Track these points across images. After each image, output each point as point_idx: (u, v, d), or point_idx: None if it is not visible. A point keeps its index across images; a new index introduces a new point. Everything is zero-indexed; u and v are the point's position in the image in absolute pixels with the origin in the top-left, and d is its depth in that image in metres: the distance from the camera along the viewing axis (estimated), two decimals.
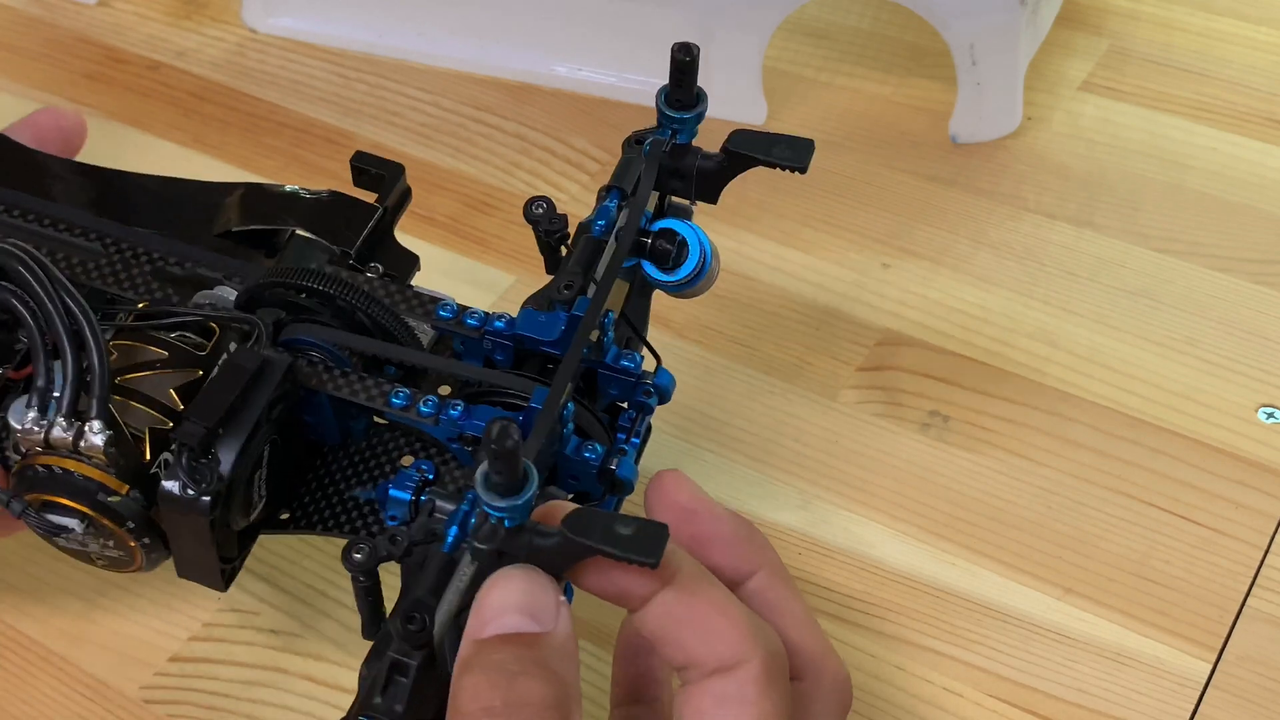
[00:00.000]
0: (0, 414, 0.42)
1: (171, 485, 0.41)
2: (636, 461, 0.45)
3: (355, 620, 0.51)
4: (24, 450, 0.41)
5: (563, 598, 0.36)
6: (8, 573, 0.52)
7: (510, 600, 0.35)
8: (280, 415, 0.43)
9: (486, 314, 0.45)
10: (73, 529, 0.42)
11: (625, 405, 0.46)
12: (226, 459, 0.41)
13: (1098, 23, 0.79)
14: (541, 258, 0.49)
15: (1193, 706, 0.49)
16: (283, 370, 0.42)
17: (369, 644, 0.51)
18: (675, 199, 0.48)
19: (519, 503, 0.34)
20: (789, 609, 0.41)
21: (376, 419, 0.47)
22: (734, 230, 0.66)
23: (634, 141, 0.48)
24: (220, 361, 0.44)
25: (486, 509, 0.35)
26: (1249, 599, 0.52)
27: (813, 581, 0.52)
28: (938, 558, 0.53)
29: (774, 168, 0.46)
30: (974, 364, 0.60)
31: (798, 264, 0.64)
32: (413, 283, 0.50)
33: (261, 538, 0.46)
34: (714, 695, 0.36)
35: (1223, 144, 0.72)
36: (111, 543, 0.43)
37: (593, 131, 0.72)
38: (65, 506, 0.41)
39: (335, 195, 0.50)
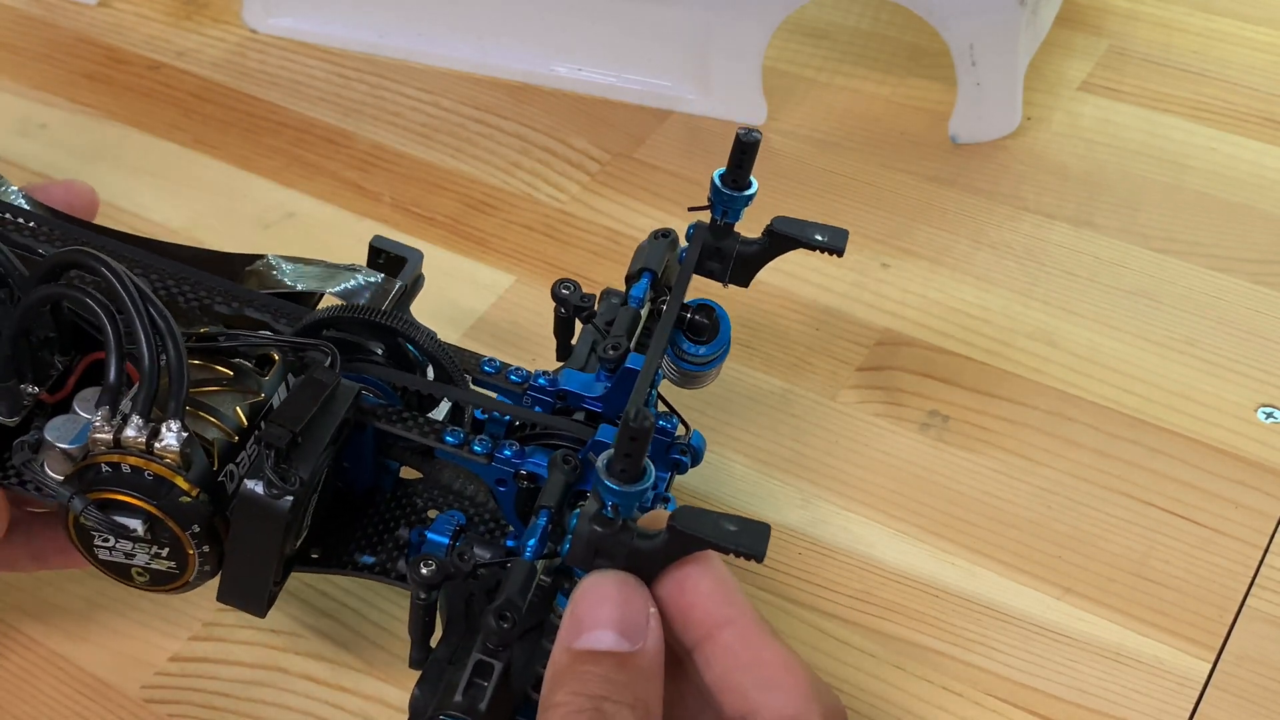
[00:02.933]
0: (35, 432, 0.42)
1: (255, 484, 0.40)
2: None
3: (356, 621, 0.51)
4: (87, 451, 0.41)
5: (653, 608, 0.37)
6: (9, 573, 0.52)
7: (604, 614, 0.36)
8: (340, 442, 0.43)
9: (529, 372, 0.47)
10: (134, 529, 0.41)
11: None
12: (305, 468, 0.41)
13: (1097, 23, 0.79)
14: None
15: (1192, 706, 0.49)
16: (353, 395, 0.43)
17: (371, 643, 0.51)
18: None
19: (635, 490, 0.36)
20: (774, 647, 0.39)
21: (404, 473, 0.48)
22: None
23: (659, 235, 0.51)
24: (291, 382, 0.44)
25: (604, 494, 0.36)
26: (1248, 599, 0.52)
27: (812, 581, 0.52)
28: (937, 557, 0.53)
29: (812, 250, 0.49)
30: (974, 364, 0.60)
31: (797, 264, 0.64)
32: None
33: None
34: None
35: (1222, 144, 0.72)
36: (166, 550, 0.42)
37: (593, 131, 0.72)
38: (131, 505, 0.41)
39: (358, 271, 0.52)
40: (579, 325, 0.50)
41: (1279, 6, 0.80)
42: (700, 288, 0.53)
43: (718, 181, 0.49)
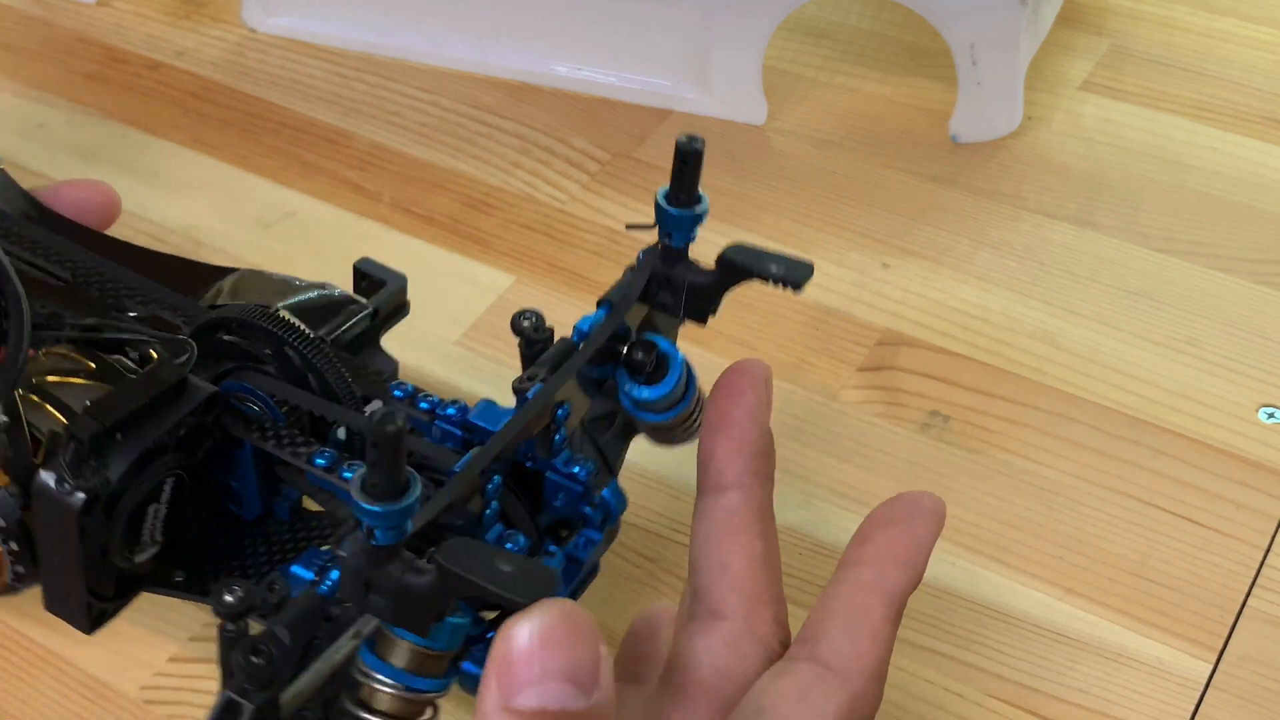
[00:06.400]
0: None
1: (48, 476, 0.37)
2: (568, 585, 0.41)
3: None
4: None
5: (605, 649, 0.30)
6: None
7: (552, 660, 0.29)
8: (199, 453, 0.40)
9: (439, 400, 0.43)
10: None
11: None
12: (116, 467, 0.38)
13: (1098, 22, 0.79)
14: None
15: (1193, 707, 0.48)
16: (203, 397, 0.40)
17: None
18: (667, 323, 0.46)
19: (396, 508, 0.30)
20: (746, 542, 0.39)
21: (309, 505, 0.45)
22: (734, 230, 0.66)
23: (636, 266, 0.45)
24: (139, 374, 0.41)
25: (359, 514, 0.30)
26: (1249, 599, 0.52)
27: (813, 582, 0.52)
28: (938, 558, 0.53)
29: (767, 283, 0.44)
30: (974, 364, 0.60)
31: None
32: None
33: None
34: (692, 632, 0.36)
35: (1223, 144, 0.71)
36: None
37: (593, 131, 0.72)
38: None
39: (326, 290, 0.48)
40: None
41: (1279, 6, 0.80)
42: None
43: (661, 200, 0.43)
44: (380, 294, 0.49)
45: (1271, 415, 0.58)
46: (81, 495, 0.37)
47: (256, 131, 0.72)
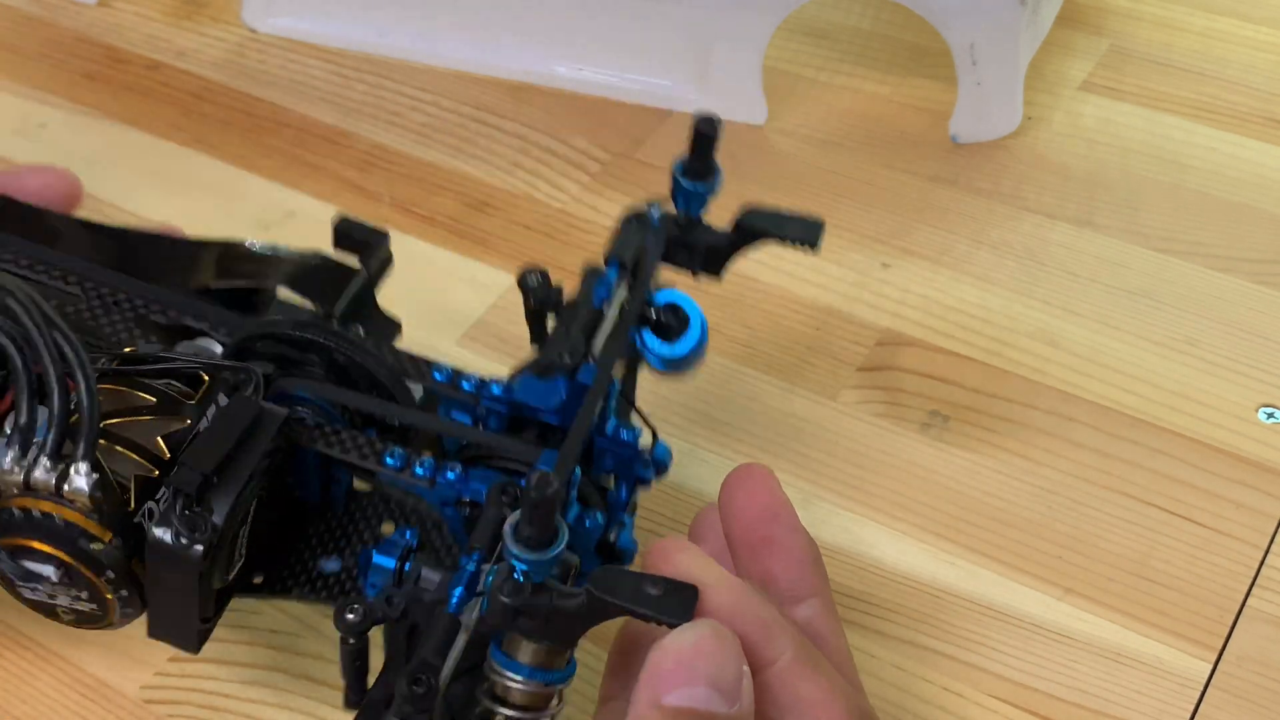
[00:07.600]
0: None
1: (163, 533, 0.39)
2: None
3: None
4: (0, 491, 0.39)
5: (746, 667, 0.34)
6: None
7: (700, 667, 0.33)
8: (270, 469, 0.42)
9: (481, 380, 0.44)
10: (47, 576, 0.40)
11: (614, 479, 0.45)
12: (220, 509, 0.39)
13: (1098, 23, 0.79)
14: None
15: (1193, 707, 0.49)
16: (279, 423, 0.41)
17: (371, 644, 0.51)
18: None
19: (546, 557, 0.34)
20: (835, 645, 0.41)
21: (356, 484, 0.46)
22: None
23: (634, 217, 0.48)
24: (213, 411, 0.42)
25: (512, 561, 0.34)
26: (1249, 599, 0.52)
27: None
28: (938, 558, 0.53)
29: (785, 244, 0.47)
30: (974, 364, 0.60)
31: (798, 264, 0.64)
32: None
33: None
34: None
35: (1223, 144, 0.72)
36: (85, 594, 0.41)
37: (593, 131, 0.72)
38: (42, 552, 0.40)
39: (319, 258, 0.49)
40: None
41: (1279, 6, 0.80)
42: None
43: (678, 175, 0.46)
44: (370, 258, 0.49)
45: (1271, 415, 0.58)
46: (199, 548, 0.39)
47: (257, 132, 0.72)
